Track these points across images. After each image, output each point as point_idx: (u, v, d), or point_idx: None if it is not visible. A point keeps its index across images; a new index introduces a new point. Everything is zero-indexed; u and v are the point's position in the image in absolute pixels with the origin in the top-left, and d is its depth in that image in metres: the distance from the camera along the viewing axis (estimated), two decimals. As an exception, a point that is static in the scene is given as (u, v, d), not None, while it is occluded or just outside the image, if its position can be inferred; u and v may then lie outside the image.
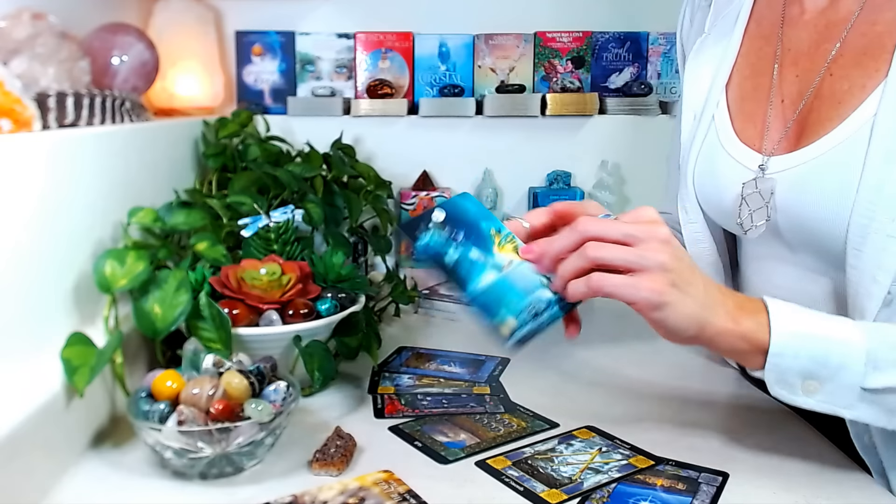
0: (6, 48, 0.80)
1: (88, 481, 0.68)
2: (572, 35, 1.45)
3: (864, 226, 0.68)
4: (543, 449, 0.73)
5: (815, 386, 0.64)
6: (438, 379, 0.92)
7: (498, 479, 0.67)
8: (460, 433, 0.76)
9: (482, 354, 1.00)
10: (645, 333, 1.04)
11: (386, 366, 0.97)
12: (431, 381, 0.91)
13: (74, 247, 0.77)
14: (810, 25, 0.79)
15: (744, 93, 0.84)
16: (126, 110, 0.97)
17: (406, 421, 0.79)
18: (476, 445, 0.73)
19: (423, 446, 0.73)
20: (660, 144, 1.42)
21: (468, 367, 0.97)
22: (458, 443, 0.74)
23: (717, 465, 0.69)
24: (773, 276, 0.83)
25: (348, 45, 1.44)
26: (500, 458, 0.71)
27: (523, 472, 0.68)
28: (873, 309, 0.69)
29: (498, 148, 1.44)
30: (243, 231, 0.92)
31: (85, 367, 0.69)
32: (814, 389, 0.64)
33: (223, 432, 0.65)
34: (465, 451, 0.72)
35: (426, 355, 1.01)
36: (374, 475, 0.67)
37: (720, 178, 0.82)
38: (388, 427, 0.78)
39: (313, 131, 1.36)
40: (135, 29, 1.09)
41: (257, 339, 0.82)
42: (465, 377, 0.93)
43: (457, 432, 0.76)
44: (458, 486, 0.66)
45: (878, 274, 0.68)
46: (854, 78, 0.73)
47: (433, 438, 0.75)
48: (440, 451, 0.72)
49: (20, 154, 0.68)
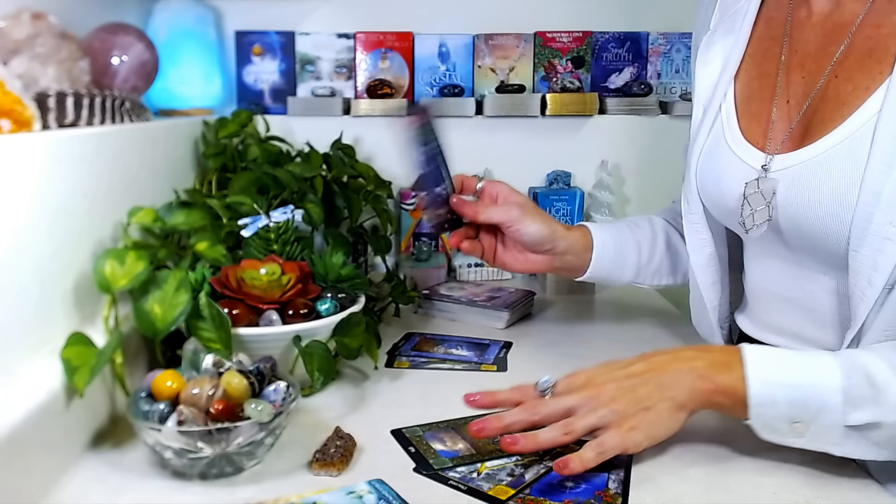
0: (6, 48, 0.80)
1: (88, 481, 0.68)
2: (572, 35, 1.45)
3: (863, 227, 0.69)
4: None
5: (802, 428, 0.66)
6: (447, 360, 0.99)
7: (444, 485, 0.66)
8: (459, 443, 0.74)
9: (486, 339, 1.06)
10: (645, 332, 1.05)
11: (396, 350, 1.02)
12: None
13: (74, 247, 0.77)
14: (817, 27, 0.80)
15: (751, 92, 0.84)
16: (126, 110, 0.97)
17: (410, 426, 0.78)
18: (470, 457, 0.71)
19: (416, 452, 0.72)
20: (660, 144, 1.42)
21: (475, 350, 1.02)
22: (453, 452, 0.72)
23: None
24: (775, 274, 0.83)
25: (348, 45, 1.44)
26: (500, 487, 0.67)
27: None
28: (863, 311, 0.69)
29: (498, 148, 1.44)
30: (243, 231, 0.92)
31: (85, 367, 0.69)
32: (802, 431, 0.66)
33: (223, 432, 0.65)
34: (453, 462, 0.70)
35: (433, 340, 1.06)
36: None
37: (724, 177, 0.83)
38: (389, 430, 0.77)
39: (313, 131, 1.36)
40: (135, 29, 1.09)
41: (257, 339, 0.82)
42: (473, 359, 0.99)
43: (455, 441, 0.74)
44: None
45: (872, 276, 0.69)
46: (858, 80, 0.73)
47: (429, 445, 0.74)
48: (430, 458, 0.71)
49: (20, 154, 0.68)
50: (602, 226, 1.01)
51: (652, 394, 0.69)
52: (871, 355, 0.66)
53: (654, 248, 1.01)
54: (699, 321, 0.97)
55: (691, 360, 0.70)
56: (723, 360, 0.70)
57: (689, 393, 0.69)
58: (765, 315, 0.86)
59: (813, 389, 0.65)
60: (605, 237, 0.99)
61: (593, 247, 0.98)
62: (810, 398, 0.65)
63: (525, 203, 0.94)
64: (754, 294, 0.88)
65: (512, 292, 1.22)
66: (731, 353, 0.70)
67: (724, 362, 0.69)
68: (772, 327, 0.85)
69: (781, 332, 0.83)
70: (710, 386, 0.68)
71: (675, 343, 1.04)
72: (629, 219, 1.07)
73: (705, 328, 0.95)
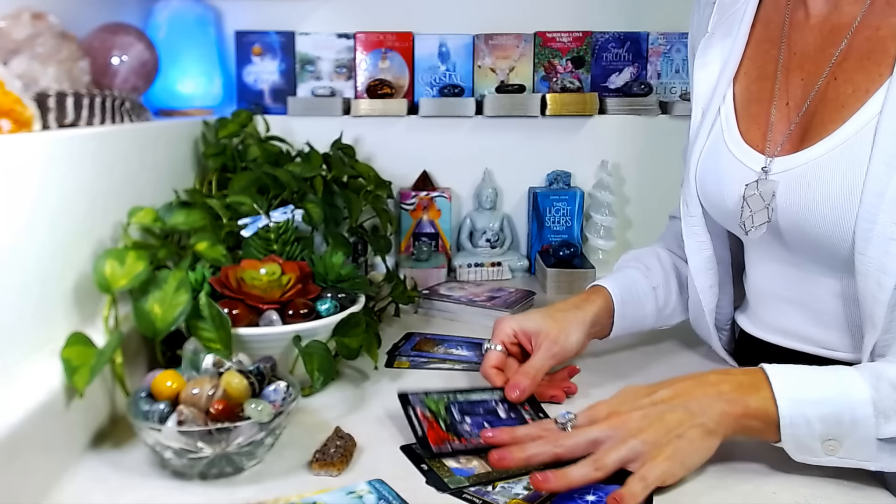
0: (6, 48, 0.80)
1: (88, 481, 0.68)
2: (572, 35, 1.45)
3: (867, 229, 0.69)
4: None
5: (834, 445, 0.65)
6: (447, 361, 0.98)
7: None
8: (473, 460, 0.71)
9: (486, 339, 1.01)
10: (647, 334, 1.05)
11: (396, 350, 1.01)
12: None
13: (74, 247, 0.77)
14: (815, 29, 0.79)
15: (750, 95, 0.84)
16: (126, 110, 0.97)
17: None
18: (485, 475, 0.68)
19: (429, 469, 0.69)
20: (660, 144, 1.42)
21: (475, 350, 1.01)
22: (468, 471, 0.69)
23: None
24: (776, 277, 0.83)
25: (348, 45, 1.44)
26: (516, 501, 0.65)
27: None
28: (880, 314, 0.69)
29: (498, 148, 1.44)
30: (243, 231, 0.92)
31: (85, 367, 0.69)
32: (834, 449, 0.65)
33: (223, 432, 0.65)
34: (469, 481, 0.67)
35: (433, 340, 1.05)
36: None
37: (724, 179, 0.83)
38: (399, 446, 0.74)
39: (313, 131, 1.36)
40: (135, 29, 1.09)
41: (257, 339, 0.82)
42: (473, 359, 0.97)
43: (469, 458, 0.71)
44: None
45: (882, 278, 0.68)
46: (857, 82, 0.73)
47: (442, 462, 0.70)
48: (444, 476, 0.68)
49: (20, 154, 0.68)
50: (618, 280, 0.95)
51: (682, 421, 0.66)
52: (893, 366, 0.65)
53: (668, 291, 0.97)
54: (697, 323, 0.97)
55: (718, 385, 0.68)
56: (749, 381, 0.67)
57: (720, 417, 0.66)
58: (767, 316, 0.86)
59: (844, 404, 0.64)
60: (623, 294, 0.93)
61: (614, 309, 0.93)
62: (842, 412, 0.64)
63: (544, 329, 0.85)
64: (756, 295, 0.88)
65: (512, 292, 1.22)
66: (755, 374, 0.68)
67: (751, 383, 0.67)
68: (774, 328, 0.85)
69: (785, 332, 0.83)
70: (740, 410, 0.66)
71: (673, 339, 1.04)
72: (637, 258, 1.00)
73: (702, 331, 0.95)
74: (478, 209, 1.45)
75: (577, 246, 1.36)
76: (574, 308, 0.90)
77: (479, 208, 1.45)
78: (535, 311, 0.91)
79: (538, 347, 0.84)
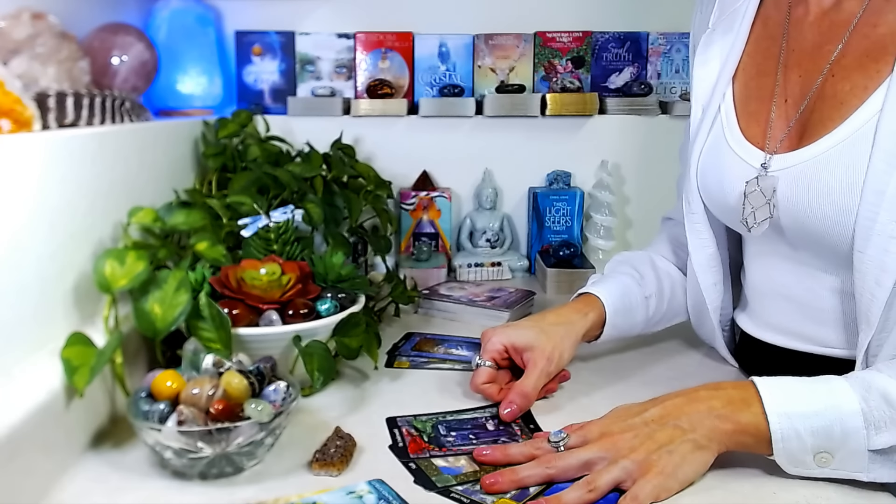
0: (6, 48, 0.80)
1: (88, 481, 0.68)
2: (572, 35, 1.45)
3: (867, 227, 0.69)
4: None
5: (827, 458, 0.65)
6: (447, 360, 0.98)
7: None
8: (461, 459, 0.72)
9: (475, 353, 1.01)
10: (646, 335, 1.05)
11: (396, 350, 1.01)
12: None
13: (74, 247, 0.77)
14: (814, 26, 0.79)
15: (750, 92, 0.84)
16: (126, 110, 0.97)
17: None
18: (472, 474, 0.69)
19: (417, 469, 0.70)
20: (660, 144, 1.42)
21: (475, 350, 0.99)
22: (456, 469, 0.70)
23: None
24: (776, 273, 0.83)
25: (348, 45, 1.44)
26: (504, 501, 0.65)
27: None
28: (876, 312, 0.69)
29: (498, 148, 1.45)
30: (243, 231, 0.92)
31: (85, 367, 0.69)
32: (826, 461, 0.65)
33: (223, 432, 0.65)
34: (457, 479, 0.68)
35: (433, 340, 1.05)
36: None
37: (725, 175, 0.83)
38: (388, 445, 0.75)
39: (313, 131, 1.36)
40: (135, 29, 1.09)
41: (257, 339, 0.82)
42: (473, 359, 0.95)
43: (458, 458, 0.72)
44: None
45: (880, 276, 0.68)
46: (856, 79, 0.73)
47: (430, 462, 0.71)
48: (432, 475, 0.69)
49: (20, 154, 0.68)
50: (611, 289, 0.93)
51: (673, 437, 0.66)
52: (882, 376, 0.65)
53: (660, 300, 0.96)
54: (700, 323, 0.96)
55: (708, 401, 0.68)
56: (739, 396, 0.67)
57: (711, 433, 0.66)
58: (766, 314, 0.86)
59: (834, 417, 0.64)
60: (616, 305, 0.92)
61: (605, 317, 0.92)
62: (833, 425, 0.64)
63: (538, 346, 0.84)
64: (755, 293, 0.88)
65: (512, 292, 1.22)
66: (745, 389, 0.68)
67: (742, 399, 0.67)
68: (773, 326, 0.85)
69: (783, 330, 0.84)
70: (731, 426, 0.66)
71: (673, 339, 1.04)
72: (632, 264, 0.99)
73: (707, 331, 0.95)
74: (478, 209, 1.45)
75: (577, 246, 1.36)
76: (567, 322, 0.88)
77: (479, 208, 1.45)
78: (525, 322, 0.90)
79: (532, 365, 0.83)
